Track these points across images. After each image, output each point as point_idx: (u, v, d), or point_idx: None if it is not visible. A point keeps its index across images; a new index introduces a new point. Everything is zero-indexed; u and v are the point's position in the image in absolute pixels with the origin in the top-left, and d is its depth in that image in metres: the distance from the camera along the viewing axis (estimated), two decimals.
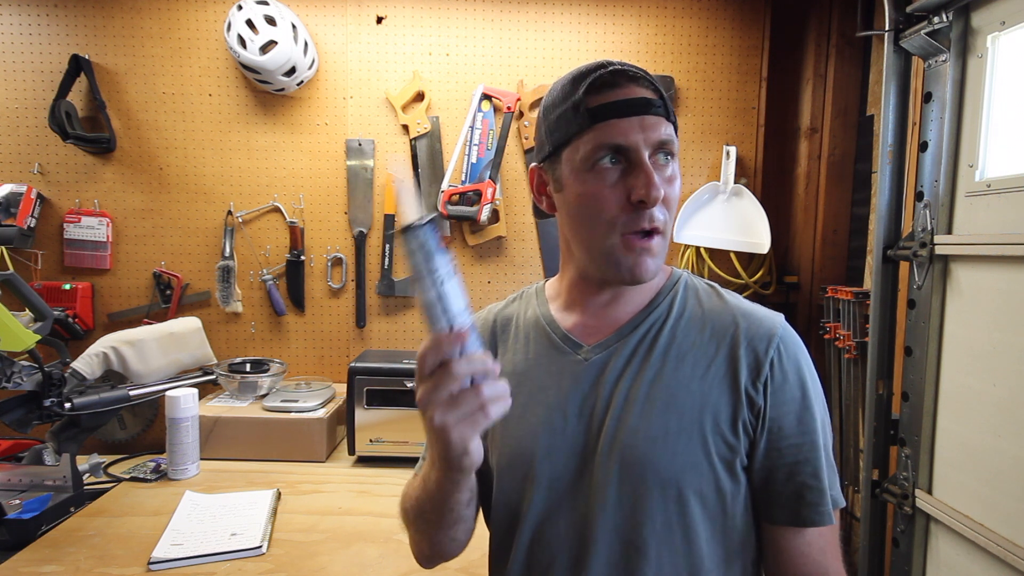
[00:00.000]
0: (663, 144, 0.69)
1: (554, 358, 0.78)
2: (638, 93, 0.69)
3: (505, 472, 0.78)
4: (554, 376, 0.77)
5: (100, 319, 1.92)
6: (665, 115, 0.70)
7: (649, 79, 0.71)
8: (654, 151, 0.69)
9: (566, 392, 0.76)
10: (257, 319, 1.96)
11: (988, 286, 1.25)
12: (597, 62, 0.72)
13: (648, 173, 0.68)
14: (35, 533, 1.25)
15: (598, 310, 0.78)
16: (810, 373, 0.73)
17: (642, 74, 0.71)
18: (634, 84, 0.69)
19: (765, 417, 0.71)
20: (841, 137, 1.88)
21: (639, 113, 0.68)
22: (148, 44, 1.87)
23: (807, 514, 0.70)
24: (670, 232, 0.73)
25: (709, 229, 1.94)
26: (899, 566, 1.45)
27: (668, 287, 0.79)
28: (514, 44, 1.93)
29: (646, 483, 0.70)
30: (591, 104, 0.69)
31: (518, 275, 2.00)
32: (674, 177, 0.71)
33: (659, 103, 0.70)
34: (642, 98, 0.69)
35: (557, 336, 0.79)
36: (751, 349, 0.72)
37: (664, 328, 0.75)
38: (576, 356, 0.77)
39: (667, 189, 0.70)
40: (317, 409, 1.67)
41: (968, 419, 1.29)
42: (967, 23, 1.31)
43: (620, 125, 0.68)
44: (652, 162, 0.69)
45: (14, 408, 1.34)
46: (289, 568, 1.14)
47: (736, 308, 0.76)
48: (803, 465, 0.71)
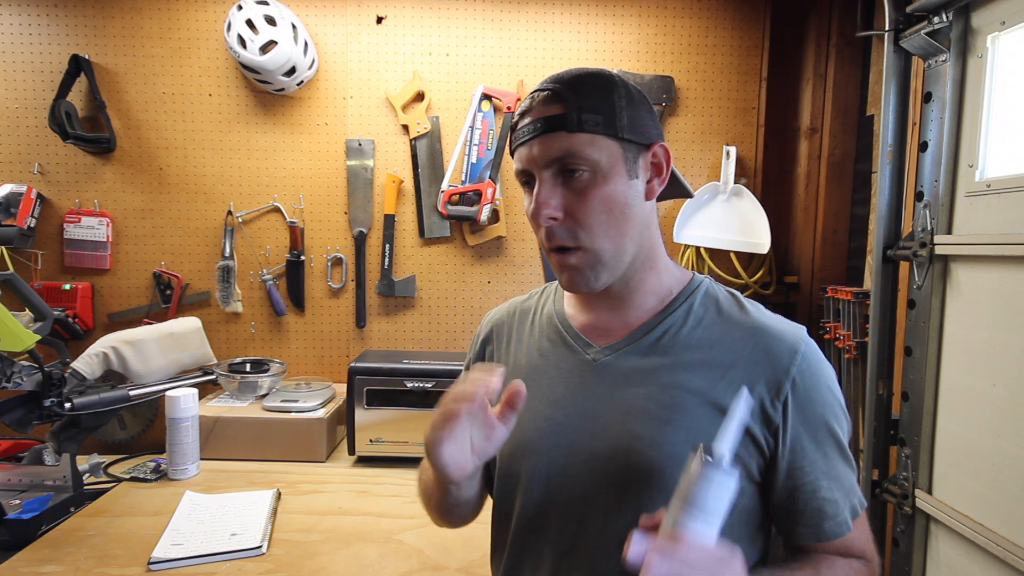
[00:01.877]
0: (560, 159, 0.69)
1: (564, 355, 0.78)
2: (542, 113, 0.70)
3: (506, 463, 0.79)
4: (562, 374, 0.77)
5: (100, 319, 1.92)
6: (565, 127, 0.68)
7: (561, 92, 0.69)
8: (557, 168, 0.70)
9: (572, 390, 0.76)
10: (257, 319, 1.96)
11: (988, 286, 1.25)
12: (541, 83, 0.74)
13: (536, 194, 0.70)
14: (35, 533, 1.25)
15: (605, 312, 0.78)
16: (832, 389, 0.71)
17: (554, 90, 0.70)
18: (543, 105, 0.70)
19: (785, 436, 0.69)
20: (841, 137, 1.88)
21: (537, 134, 0.70)
22: (148, 44, 1.87)
23: (830, 528, 0.70)
24: (602, 244, 0.70)
25: (709, 229, 1.94)
26: (899, 566, 1.45)
27: (686, 293, 0.77)
28: (514, 44, 1.93)
29: (649, 489, 0.69)
30: (515, 130, 0.74)
31: (518, 275, 2.00)
32: (588, 188, 0.69)
33: (557, 118, 0.68)
34: (539, 119, 0.69)
35: (569, 334, 0.79)
36: (770, 365, 0.70)
37: (678, 335, 0.74)
38: (585, 356, 0.77)
39: (573, 203, 0.69)
40: (317, 409, 1.67)
41: (968, 419, 1.29)
42: (967, 23, 1.31)
43: (522, 151, 0.72)
44: (561, 179, 0.70)
45: (14, 408, 1.34)
46: (289, 568, 1.14)
47: (757, 320, 0.73)
48: (824, 481, 0.70)
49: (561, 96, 0.69)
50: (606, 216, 0.70)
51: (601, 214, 0.69)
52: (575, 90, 0.69)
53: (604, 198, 0.69)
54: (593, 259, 0.71)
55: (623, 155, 0.70)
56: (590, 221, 0.69)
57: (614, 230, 0.71)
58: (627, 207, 0.71)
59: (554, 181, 0.70)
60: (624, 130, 0.70)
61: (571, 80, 0.71)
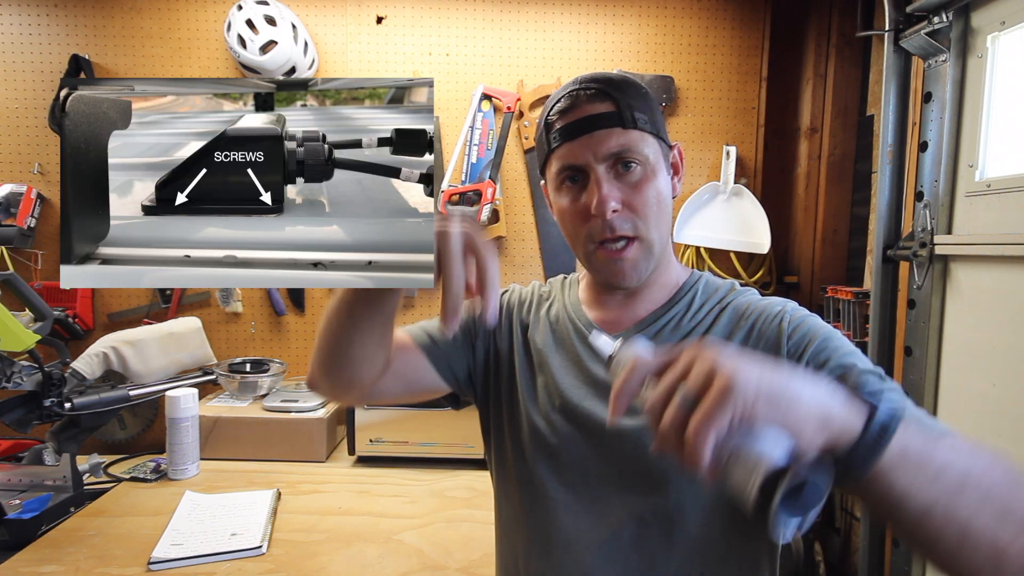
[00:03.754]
0: (618, 154, 0.72)
1: (577, 345, 0.81)
2: (590, 111, 0.72)
3: (520, 449, 0.81)
4: (576, 362, 0.80)
5: (100, 319, 1.92)
6: (621, 124, 0.72)
7: (609, 91, 0.72)
8: (612, 163, 0.72)
9: (586, 378, 0.79)
10: (257, 319, 1.96)
11: (988, 286, 1.25)
12: (571, 82, 0.76)
13: (597, 187, 0.71)
14: (35, 533, 1.25)
15: (617, 306, 0.81)
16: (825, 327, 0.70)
17: (601, 88, 0.73)
18: (589, 103, 0.72)
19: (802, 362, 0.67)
20: (841, 137, 1.88)
21: (588, 131, 0.72)
22: (148, 44, 1.87)
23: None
24: (655, 235, 0.74)
25: (709, 229, 1.94)
26: (899, 566, 1.45)
27: (688, 285, 0.81)
28: (514, 44, 1.93)
29: (656, 473, 0.72)
30: (553, 129, 0.75)
31: (518, 275, 2.00)
32: (643, 181, 0.73)
33: (611, 115, 0.72)
34: (590, 116, 0.72)
35: (582, 324, 0.82)
36: (765, 328, 0.73)
37: (683, 322, 0.78)
38: None
39: (631, 195, 0.72)
40: (317, 409, 1.67)
41: (968, 419, 1.29)
42: (967, 23, 1.31)
43: (572, 147, 0.73)
44: (613, 173, 0.72)
45: (14, 408, 1.34)
46: (289, 568, 1.14)
47: (751, 300, 0.78)
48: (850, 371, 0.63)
49: (610, 95, 0.72)
50: (657, 208, 0.74)
51: (654, 206, 0.73)
52: (621, 90, 0.73)
53: (656, 191, 0.73)
54: (647, 250, 0.74)
55: (663, 153, 0.76)
56: (647, 212, 0.73)
57: (663, 222, 0.75)
58: (669, 201, 0.76)
59: (609, 175, 0.72)
60: (660, 130, 0.75)
61: (613, 81, 0.74)
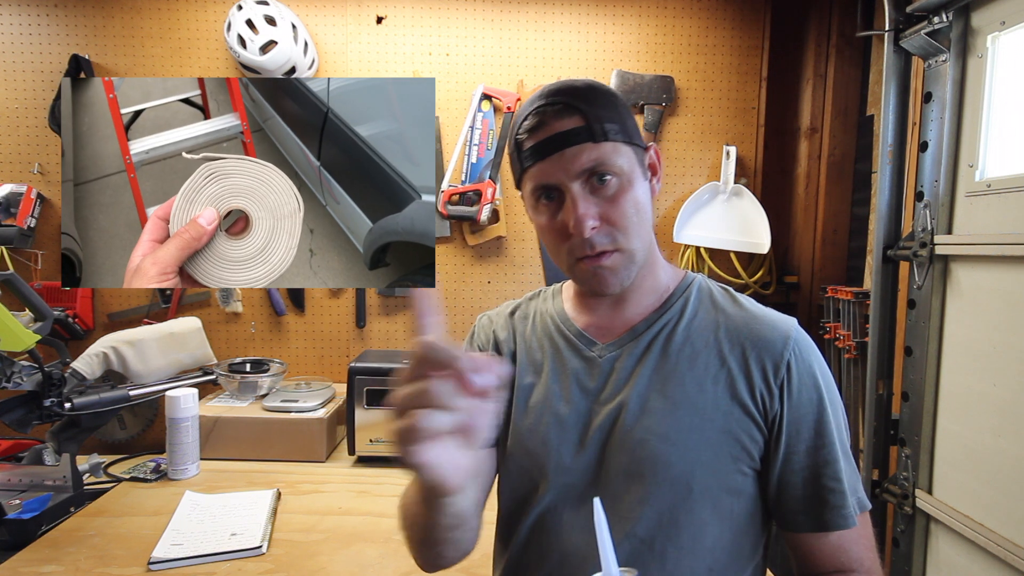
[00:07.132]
0: (591, 169, 0.70)
1: (568, 355, 0.80)
2: (559, 128, 0.70)
3: (514, 462, 0.80)
4: (568, 372, 0.79)
5: (100, 319, 1.92)
6: (591, 138, 0.70)
7: (576, 104, 0.70)
8: (586, 178, 0.71)
9: (580, 388, 0.77)
10: (257, 319, 1.96)
11: (988, 286, 1.25)
12: (535, 96, 0.74)
13: (573, 207, 0.70)
14: (35, 533, 1.25)
15: (607, 312, 0.80)
16: (824, 375, 0.73)
17: (567, 102, 0.71)
18: (557, 119, 0.70)
19: (782, 421, 0.71)
20: (841, 137, 1.88)
21: (559, 149, 0.70)
22: (148, 44, 1.87)
23: (831, 518, 0.70)
24: (636, 244, 0.73)
25: (709, 229, 1.94)
26: (899, 566, 1.45)
27: (680, 289, 0.80)
28: (514, 44, 1.93)
29: (656, 480, 0.71)
30: (523, 149, 0.73)
31: (518, 275, 2.00)
32: (619, 193, 0.71)
33: (580, 130, 0.70)
34: (559, 133, 0.70)
35: (572, 333, 0.81)
36: (765, 352, 0.72)
37: (677, 329, 0.76)
38: (590, 353, 0.78)
39: (608, 209, 0.71)
40: (317, 409, 1.67)
41: (968, 419, 1.29)
42: (967, 23, 1.31)
43: (543, 166, 0.71)
44: (588, 188, 0.71)
45: (14, 408, 1.34)
46: (289, 568, 1.14)
47: (750, 312, 0.77)
48: (823, 468, 0.71)
49: (577, 108, 0.71)
50: (636, 217, 0.72)
51: (633, 216, 0.72)
52: (588, 101, 0.71)
53: (634, 201, 0.72)
54: (628, 259, 0.73)
55: (637, 159, 0.74)
56: (625, 223, 0.72)
57: (643, 230, 0.74)
58: (647, 207, 0.74)
59: (584, 191, 0.71)
60: (633, 136, 0.73)
61: (579, 92, 0.72)
